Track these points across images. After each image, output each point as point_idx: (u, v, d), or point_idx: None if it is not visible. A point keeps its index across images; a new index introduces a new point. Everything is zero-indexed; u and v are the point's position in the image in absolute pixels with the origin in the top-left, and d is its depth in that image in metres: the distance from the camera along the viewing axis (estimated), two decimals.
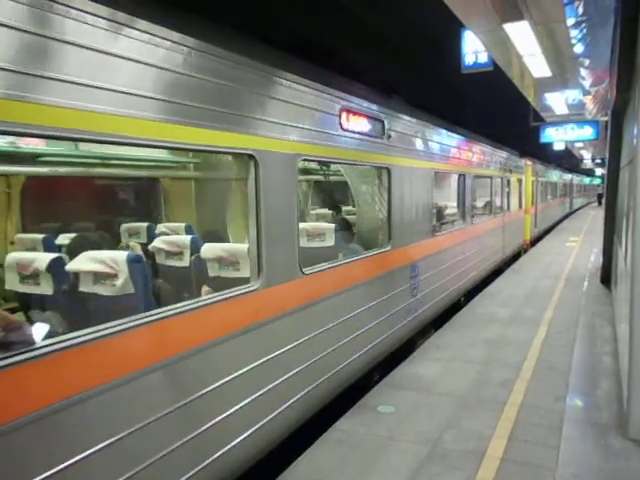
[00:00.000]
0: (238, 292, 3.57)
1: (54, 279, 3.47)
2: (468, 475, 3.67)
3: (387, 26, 12.09)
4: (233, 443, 3.45)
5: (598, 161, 37.48)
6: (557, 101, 12.43)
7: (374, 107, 5.70)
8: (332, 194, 10.38)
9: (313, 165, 7.94)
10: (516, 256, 14.88)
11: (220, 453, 3.33)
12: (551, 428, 4.31)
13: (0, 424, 2.12)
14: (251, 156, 3.64)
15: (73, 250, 4.01)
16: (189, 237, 4.75)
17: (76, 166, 5.48)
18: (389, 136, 5.99)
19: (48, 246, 4.85)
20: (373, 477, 3.70)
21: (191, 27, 3.20)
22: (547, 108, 13.34)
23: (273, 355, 3.87)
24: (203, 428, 3.21)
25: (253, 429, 3.63)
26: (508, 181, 13.55)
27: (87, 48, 2.52)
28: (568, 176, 35.04)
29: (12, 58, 2.20)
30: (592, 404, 4.83)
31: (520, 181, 15.60)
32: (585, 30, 7.03)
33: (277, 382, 3.90)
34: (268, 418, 3.78)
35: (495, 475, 3.65)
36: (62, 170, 5.31)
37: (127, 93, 2.71)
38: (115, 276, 3.32)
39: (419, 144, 7.10)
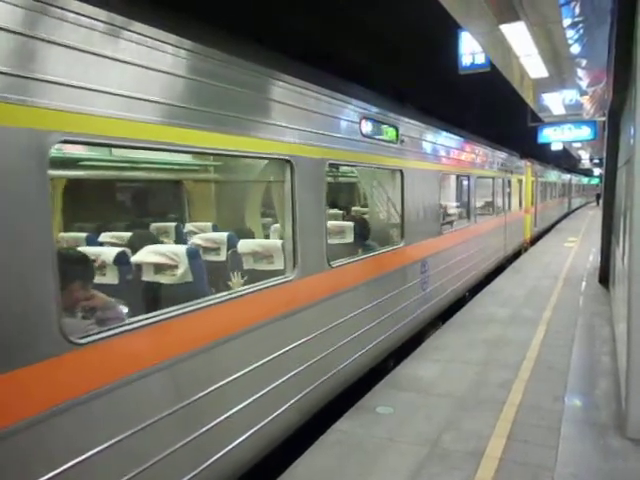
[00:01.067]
0: (278, 281, 4.03)
1: (119, 270, 3.89)
2: (467, 475, 3.67)
3: (387, 26, 12.11)
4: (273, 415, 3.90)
5: (596, 161, 37.53)
6: (554, 101, 12.45)
7: (389, 114, 6.16)
8: (339, 195, 10.59)
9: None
10: (517, 254, 15.12)
11: (269, 419, 3.81)
12: (550, 428, 4.31)
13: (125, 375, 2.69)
14: (288, 161, 4.10)
15: (132, 245, 4.60)
16: (225, 234, 5.21)
17: (111, 170, 6.06)
18: (402, 141, 6.43)
19: (91, 244, 5.20)
20: (373, 478, 3.70)
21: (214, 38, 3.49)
22: (544, 108, 13.37)
23: (304, 340, 4.29)
24: (250, 400, 3.63)
25: (286, 406, 4.05)
26: (509, 181, 13.83)
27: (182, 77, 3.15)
28: (567, 176, 35.17)
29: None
30: (591, 404, 4.83)
31: (520, 181, 15.82)
32: (582, 30, 7.05)
33: (307, 365, 4.33)
34: (299, 396, 4.21)
35: (494, 475, 3.66)
36: (96, 173, 5.93)
37: (217, 114, 3.36)
38: (176, 267, 3.82)
39: (428, 148, 7.49)
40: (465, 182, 10.11)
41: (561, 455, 3.88)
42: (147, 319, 2.87)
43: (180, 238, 6.12)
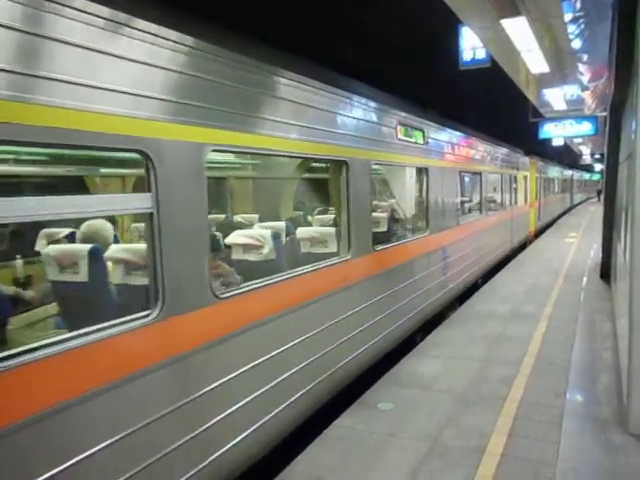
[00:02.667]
0: (339, 260, 4.94)
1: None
2: (469, 471, 3.67)
3: (387, 25, 12.08)
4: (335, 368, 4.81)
5: (597, 156, 37.42)
6: (556, 97, 12.40)
7: (418, 119, 7.06)
8: None
9: None
10: (522, 247, 15.58)
11: (323, 376, 4.60)
12: (551, 424, 4.31)
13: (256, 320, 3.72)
14: (344, 162, 4.98)
15: (220, 230, 5.41)
16: (284, 223, 5.97)
17: None
18: (427, 142, 7.28)
19: None
20: (374, 474, 3.71)
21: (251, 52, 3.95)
22: (546, 104, 13.32)
23: (356, 310, 5.19)
24: (315, 357, 4.48)
25: (345, 361, 4.99)
26: (515, 178, 14.46)
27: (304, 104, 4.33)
28: (569, 172, 35.39)
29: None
30: (592, 399, 4.83)
31: (525, 178, 16.34)
32: (583, 25, 7.02)
33: (360, 330, 5.27)
34: (352, 355, 5.14)
35: (495, 471, 3.66)
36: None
37: (307, 127, 4.37)
38: (262, 247, 4.72)
39: (448, 147, 8.40)
40: (477, 178, 10.73)
41: (562, 450, 3.88)
42: (257, 284, 3.78)
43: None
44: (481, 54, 9.53)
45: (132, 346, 2.75)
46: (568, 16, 6.54)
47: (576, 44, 7.87)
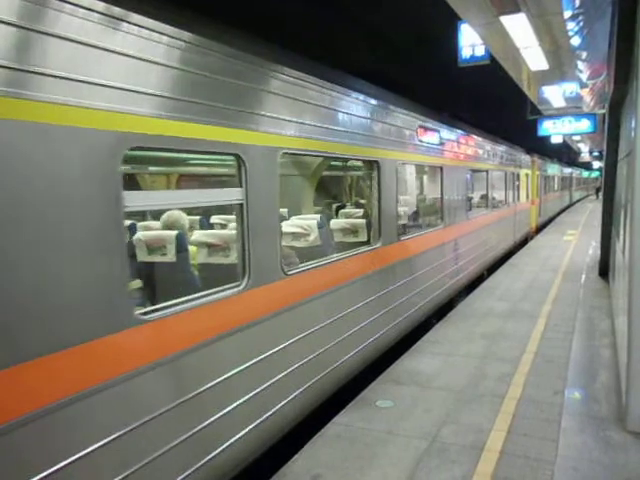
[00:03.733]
0: (372, 247, 5.70)
1: None
2: (467, 469, 3.67)
3: (385, 24, 12.05)
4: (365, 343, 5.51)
5: (596, 154, 37.41)
6: (554, 94, 12.39)
7: (435, 122, 7.66)
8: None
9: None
10: (524, 242, 15.99)
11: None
12: (550, 421, 4.32)
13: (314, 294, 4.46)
14: (376, 162, 5.66)
15: None
16: (318, 216, 6.29)
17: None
18: (442, 143, 7.88)
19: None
20: (372, 471, 3.70)
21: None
22: (544, 101, 13.31)
23: (386, 291, 5.94)
24: (360, 325, 5.34)
25: (381, 332, 5.83)
26: (518, 175, 14.96)
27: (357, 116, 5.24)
28: (568, 170, 35.60)
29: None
30: (591, 397, 4.83)
31: (527, 175, 16.79)
32: (582, 22, 7.01)
33: (388, 309, 6.00)
34: (384, 330, 5.91)
35: (494, 469, 3.66)
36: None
37: (350, 132, 5.09)
38: (308, 234, 5.43)
39: (459, 148, 8.99)
40: (484, 176, 11.19)
41: (561, 448, 3.88)
42: (312, 264, 4.47)
43: None
44: (480, 51, 9.49)
45: (228, 310, 3.43)
46: (567, 13, 6.52)
47: (575, 41, 7.85)
